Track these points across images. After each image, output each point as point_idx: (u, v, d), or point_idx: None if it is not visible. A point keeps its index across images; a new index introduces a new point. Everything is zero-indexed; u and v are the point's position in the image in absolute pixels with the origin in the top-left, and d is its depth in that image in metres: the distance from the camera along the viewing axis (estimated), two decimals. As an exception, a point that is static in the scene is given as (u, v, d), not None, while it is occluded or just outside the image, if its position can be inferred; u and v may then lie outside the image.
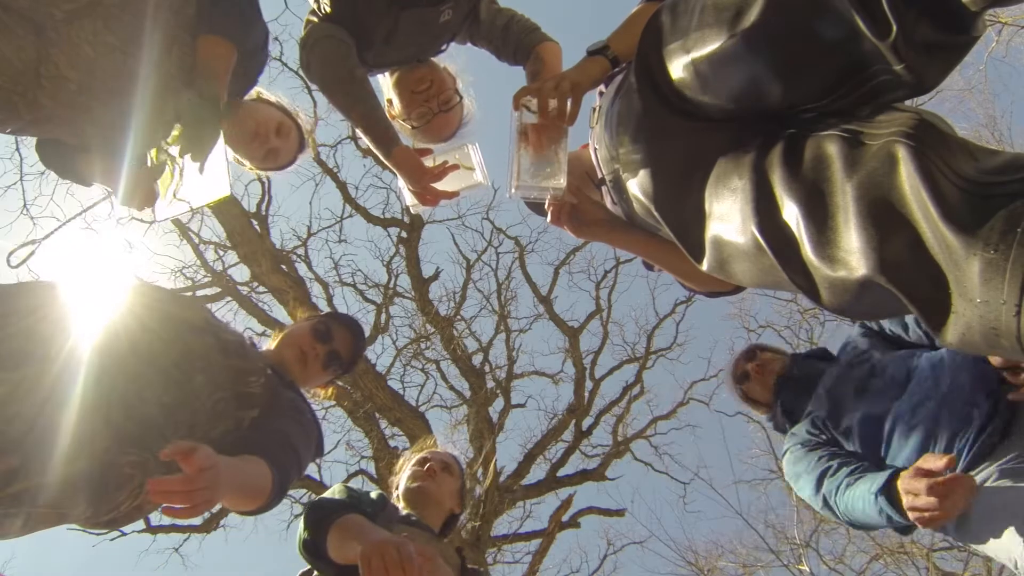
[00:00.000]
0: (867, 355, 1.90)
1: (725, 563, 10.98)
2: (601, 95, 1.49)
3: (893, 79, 0.94)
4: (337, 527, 1.54)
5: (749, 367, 2.12)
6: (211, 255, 8.37)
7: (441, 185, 1.76)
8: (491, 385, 9.42)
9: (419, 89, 1.98)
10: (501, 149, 1.46)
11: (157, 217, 1.75)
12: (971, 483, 1.48)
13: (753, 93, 1.07)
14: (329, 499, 1.72)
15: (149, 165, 1.63)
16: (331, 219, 9.01)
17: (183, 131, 1.58)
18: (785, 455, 1.93)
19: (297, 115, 2.01)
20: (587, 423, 9.85)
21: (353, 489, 1.80)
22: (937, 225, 0.80)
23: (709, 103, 1.13)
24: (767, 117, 1.11)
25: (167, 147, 1.67)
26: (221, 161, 1.78)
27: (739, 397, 2.17)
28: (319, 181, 8.56)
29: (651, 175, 1.25)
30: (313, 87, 7.59)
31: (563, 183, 1.42)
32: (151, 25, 1.51)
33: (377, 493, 1.86)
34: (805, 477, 1.80)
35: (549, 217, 1.54)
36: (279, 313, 7.66)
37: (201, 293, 8.53)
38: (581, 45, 1.51)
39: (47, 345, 1.47)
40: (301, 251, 8.64)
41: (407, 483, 1.94)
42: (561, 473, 9.43)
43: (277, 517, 12.67)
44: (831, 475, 1.73)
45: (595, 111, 1.49)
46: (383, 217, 8.83)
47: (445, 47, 2.04)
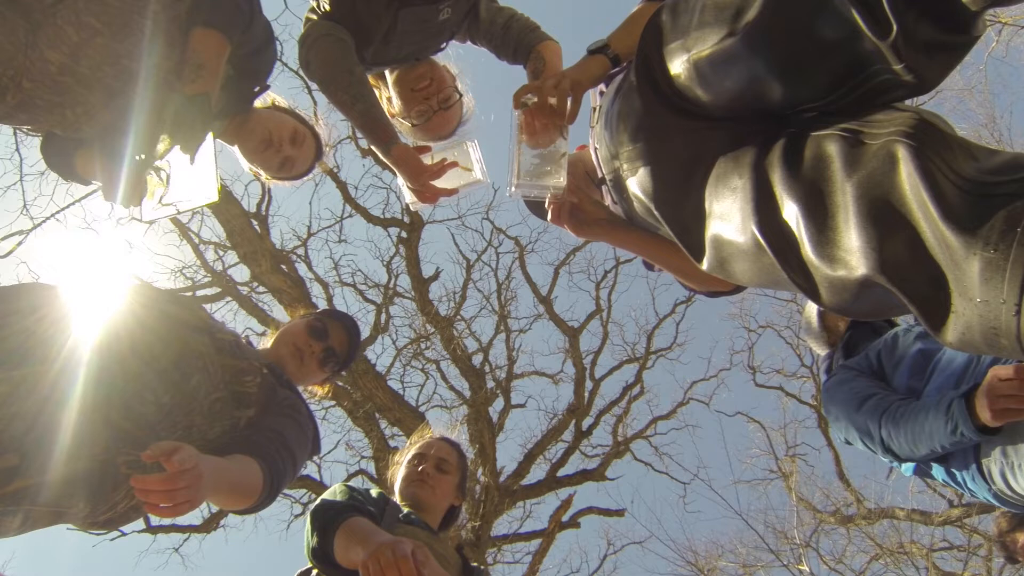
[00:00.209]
0: None
1: (725, 563, 10.98)
2: (601, 95, 1.49)
3: (893, 79, 0.94)
4: (342, 531, 1.54)
5: None
6: (211, 255, 8.38)
7: (440, 183, 1.76)
8: (491, 385, 9.42)
9: (419, 87, 1.98)
10: (501, 148, 1.46)
11: (143, 216, 1.72)
12: None
13: (753, 92, 1.07)
14: (333, 501, 1.70)
15: (139, 160, 1.59)
16: (331, 219, 9.03)
17: (170, 131, 1.55)
18: (829, 381, 2.03)
19: (315, 123, 1.97)
20: (587, 423, 9.85)
21: (355, 488, 1.79)
22: (937, 225, 0.80)
23: (709, 102, 1.13)
24: (767, 116, 1.11)
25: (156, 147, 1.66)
26: (210, 165, 1.74)
27: (817, 318, 2.29)
28: (319, 181, 8.54)
29: (651, 174, 1.25)
30: (313, 86, 7.60)
31: (563, 181, 1.42)
32: (138, 12, 1.49)
33: (377, 492, 1.85)
34: (847, 398, 1.89)
35: (549, 216, 1.54)
36: (279, 313, 7.66)
37: (201, 293, 8.53)
38: (581, 44, 1.51)
39: (47, 345, 1.47)
40: (301, 251, 8.64)
41: (402, 484, 1.94)
42: (561, 473, 9.43)
43: (277, 517, 12.65)
44: (880, 397, 1.82)
45: (595, 111, 1.49)
46: (383, 217, 8.83)
47: (444, 45, 2.04)
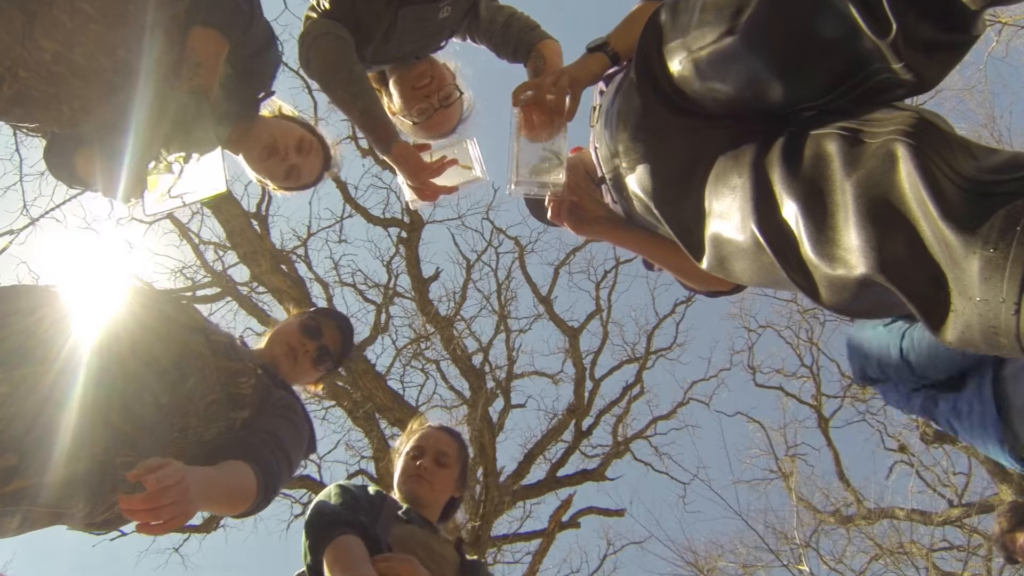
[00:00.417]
0: None
1: (725, 563, 10.98)
2: (601, 94, 1.49)
3: (893, 78, 0.94)
4: (329, 553, 1.53)
5: None
6: (211, 255, 8.38)
7: (440, 180, 1.76)
8: (491, 385, 9.42)
9: (419, 85, 1.98)
10: (501, 147, 1.46)
11: (146, 211, 1.72)
12: None
13: (753, 91, 1.07)
14: (324, 512, 1.66)
15: (142, 155, 1.57)
16: (331, 219, 9.03)
17: (173, 128, 1.54)
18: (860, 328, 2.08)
19: (322, 133, 1.95)
20: (587, 423, 9.85)
21: (349, 490, 1.75)
22: (936, 223, 0.80)
23: (709, 101, 1.13)
24: (767, 115, 1.10)
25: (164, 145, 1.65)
26: (217, 157, 1.74)
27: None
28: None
29: (651, 173, 1.25)
30: (313, 86, 7.61)
31: (562, 179, 1.42)
32: (134, 2, 1.47)
33: (375, 489, 1.82)
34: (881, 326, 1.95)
35: (549, 213, 1.54)
36: (279, 313, 7.66)
37: (201, 293, 8.53)
38: (580, 43, 1.51)
39: (47, 345, 1.47)
40: (301, 251, 8.64)
41: (400, 478, 1.90)
42: (561, 473, 9.43)
43: (277, 517, 12.63)
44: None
45: (595, 110, 1.49)
46: (383, 217, 8.83)
47: (444, 44, 2.04)
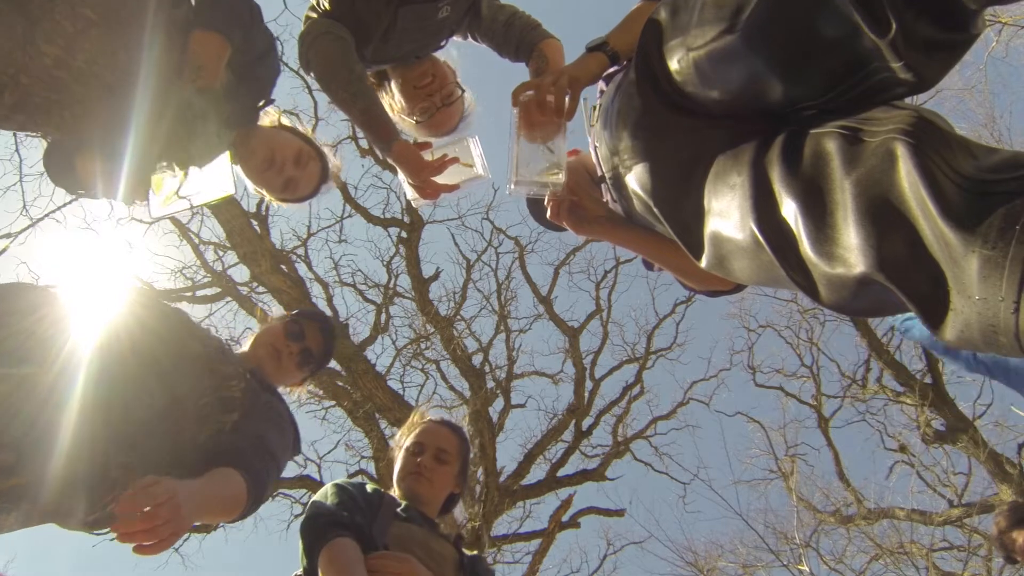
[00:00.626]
0: None
1: (725, 563, 10.98)
2: (601, 93, 1.49)
3: (892, 77, 0.94)
4: (323, 556, 1.53)
5: None
6: (211, 255, 8.38)
7: (441, 178, 1.76)
8: (491, 385, 9.42)
9: (421, 84, 1.98)
10: (501, 146, 1.47)
11: (152, 214, 1.73)
12: None
13: (753, 90, 1.07)
14: (320, 513, 1.65)
15: (145, 158, 1.58)
16: (331, 219, 9.04)
17: (174, 129, 1.54)
18: None
19: (321, 145, 1.94)
20: (587, 423, 9.86)
21: (346, 489, 1.75)
22: (936, 222, 0.80)
23: (709, 100, 1.13)
24: (767, 114, 1.10)
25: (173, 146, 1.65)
26: (225, 159, 1.75)
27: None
28: (319, 181, 8.54)
29: (651, 172, 1.25)
30: (313, 85, 7.61)
31: (562, 178, 1.42)
32: (135, 5, 1.47)
33: (373, 488, 1.81)
34: None
35: (549, 212, 1.54)
36: (279, 313, 7.65)
37: (201, 293, 8.54)
38: (581, 42, 1.51)
39: (47, 346, 1.48)
40: (301, 251, 8.65)
41: (399, 474, 1.89)
42: (561, 473, 9.43)
43: (277, 517, 12.65)
44: None
45: (595, 109, 1.49)
46: (383, 217, 8.83)
47: (444, 43, 2.04)
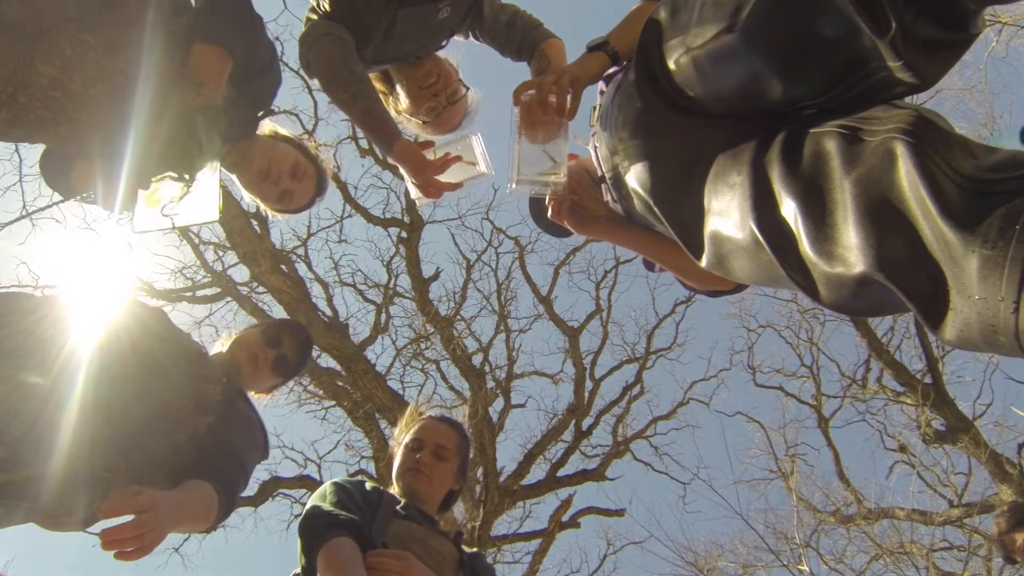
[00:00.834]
0: None
1: (725, 563, 10.98)
2: (601, 94, 1.49)
3: (892, 76, 0.94)
4: (322, 556, 1.52)
5: None
6: (211, 255, 8.39)
7: (445, 177, 1.75)
8: (491, 385, 9.42)
9: (427, 84, 1.98)
10: (502, 145, 1.47)
11: (135, 227, 1.72)
12: None
13: (753, 90, 1.07)
14: (319, 512, 1.64)
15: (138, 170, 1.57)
16: (331, 219, 9.03)
17: (169, 145, 1.54)
18: None
19: (318, 156, 1.93)
20: (587, 423, 9.86)
21: (345, 487, 1.74)
22: (936, 222, 0.80)
23: (709, 99, 1.13)
24: (766, 114, 1.10)
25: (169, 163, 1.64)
26: (214, 185, 1.73)
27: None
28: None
29: (651, 171, 1.25)
30: (314, 86, 7.62)
31: (563, 177, 1.43)
32: (135, 28, 1.47)
33: (372, 486, 1.81)
34: None
35: (550, 212, 1.54)
36: (279, 313, 7.66)
37: (201, 293, 8.54)
38: (582, 42, 1.51)
39: (47, 345, 1.48)
40: (301, 251, 8.65)
41: (398, 471, 1.89)
42: (561, 473, 9.43)
43: (277, 517, 12.67)
44: None
45: (595, 109, 1.50)
46: (383, 217, 8.84)
47: (445, 43, 2.04)
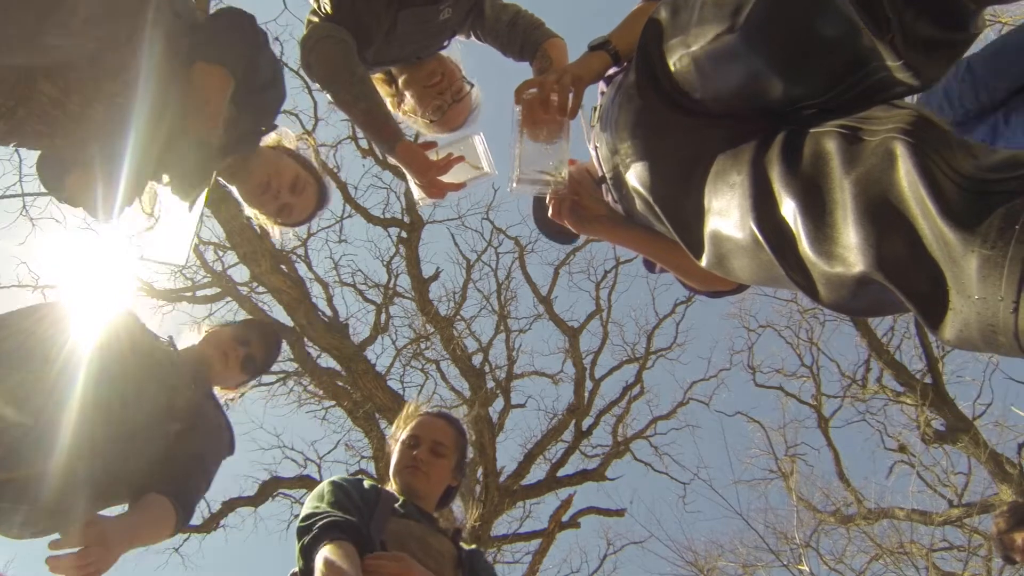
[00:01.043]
0: None
1: (725, 563, 10.98)
2: (602, 94, 1.49)
3: (892, 76, 0.94)
4: (319, 559, 1.50)
5: None
6: (211, 255, 8.38)
7: (447, 177, 1.75)
8: (491, 385, 9.43)
9: (431, 83, 1.98)
10: (503, 144, 1.47)
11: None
12: None
13: (753, 89, 1.07)
14: (316, 514, 1.62)
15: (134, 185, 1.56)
16: (331, 219, 9.03)
17: (171, 175, 1.54)
18: None
19: (319, 169, 1.93)
20: (587, 423, 9.87)
21: (342, 487, 1.73)
22: (935, 222, 0.80)
23: (709, 99, 1.13)
24: (766, 113, 1.10)
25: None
26: (190, 228, 1.72)
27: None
28: (319, 181, 8.53)
29: (651, 171, 1.25)
30: (314, 87, 7.62)
31: (564, 176, 1.43)
32: (134, 51, 1.45)
33: (370, 484, 1.80)
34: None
35: (550, 211, 1.54)
36: (279, 313, 7.67)
37: (201, 293, 8.54)
38: (583, 41, 1.52)
39: (48, 345, 1.48)
40: (301, 251, 8.66)
41: (395, 468, 1.88)
42: (561, 473, 9.44)
43: (277, 517, 12.66)
44: None
45: (596, 110, 1.50)
46: (383, 217, 8.84)
47: (446, 43, 2.04)
